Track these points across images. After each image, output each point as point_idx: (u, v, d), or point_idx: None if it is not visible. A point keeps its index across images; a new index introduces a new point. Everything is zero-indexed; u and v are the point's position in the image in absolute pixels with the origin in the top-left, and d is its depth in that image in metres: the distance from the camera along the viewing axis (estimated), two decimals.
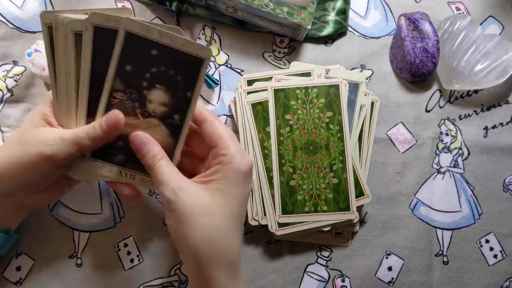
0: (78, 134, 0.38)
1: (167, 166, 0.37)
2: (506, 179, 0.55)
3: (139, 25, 0.36)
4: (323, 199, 0.49)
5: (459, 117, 0.56)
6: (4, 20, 0.52)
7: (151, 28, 0.36)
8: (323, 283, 0.52)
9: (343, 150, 0.50)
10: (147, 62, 0.37)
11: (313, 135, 0.50)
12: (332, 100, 0.51)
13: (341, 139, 0.50)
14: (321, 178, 0.50)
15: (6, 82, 0.51)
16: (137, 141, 0.38)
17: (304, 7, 0.52)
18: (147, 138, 0.38)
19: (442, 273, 0.53)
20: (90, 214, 0.50)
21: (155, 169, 0.37)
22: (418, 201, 0.54)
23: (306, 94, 0.51)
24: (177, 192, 0.35)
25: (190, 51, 0.37)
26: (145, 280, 0.50)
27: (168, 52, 0.37)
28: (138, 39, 0.36)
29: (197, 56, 0.37)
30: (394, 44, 0.57)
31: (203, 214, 0.35)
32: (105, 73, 0.37)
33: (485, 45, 0.54)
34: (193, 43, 0.37)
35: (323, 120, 0.50)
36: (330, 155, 0.50)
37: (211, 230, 0.35)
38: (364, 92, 0.53)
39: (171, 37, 0.36)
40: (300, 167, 0.50)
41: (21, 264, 0.48)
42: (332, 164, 0.50)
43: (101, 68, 0.37)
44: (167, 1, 0.54)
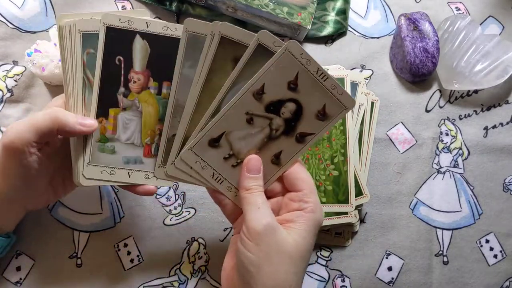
0: (37, 117, 0.37)
1: (264, 199, 0.37)
2: (506, 179, 0.55)
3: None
4: (322, 190, 0.49)
5: (459, 117, 0.56)
6: (4, 20, 0.52)
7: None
8: (323, 283, 0.52)
9: (344, 143, 0.50)
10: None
11: None
12: None
13: (343, 132, 0.50)
14: (322, 170, 0.50)
15: (6, 82, 0.51)
16: (252, 166, 0.37)
17: (304, 7, 0.52)
18: (260, 167, 0.38)
19: (442, 273, 0.53)
20: (90, 214, 0.50)
21: (252, 196, 0.36)
22: (418, 201, 0.54)
23: None
24: (270, 228, 0.34)
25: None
26: (145, 280, 0.50)
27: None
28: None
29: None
30: (394, 44, 0.57)
31: (289, 258, 0.34)
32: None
33: (485, 45, 0.54)
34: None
35: None
36: (331, 147, 0.50)
37: (291, 275, 0.35)
38: (364, 92, 0.53)
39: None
40: (301, 157, 0.50)
41: (21, 264, 0.48)
42: (333, 157, 0.50)
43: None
44: (167, 1, 0.54)
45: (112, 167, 0.40)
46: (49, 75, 0.49)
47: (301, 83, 0.37)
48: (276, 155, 0.38)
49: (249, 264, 0.34)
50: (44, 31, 0.53)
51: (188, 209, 0.52)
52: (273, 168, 0.39)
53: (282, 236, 0.34)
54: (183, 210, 0.52)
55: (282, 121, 0.38)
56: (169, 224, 0.51)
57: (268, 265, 0.34)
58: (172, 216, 0.51)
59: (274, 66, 0.36)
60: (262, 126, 0.38)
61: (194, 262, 0.51)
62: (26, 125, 0.37)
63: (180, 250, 0.51)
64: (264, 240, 0.34)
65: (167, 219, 0.51)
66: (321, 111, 0.38)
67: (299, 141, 0.38)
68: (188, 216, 0.52)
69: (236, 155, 0.38)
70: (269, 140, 0.38)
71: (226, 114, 0.37)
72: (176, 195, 0.52)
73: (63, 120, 0.37)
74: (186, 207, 0.52)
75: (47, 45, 0.49)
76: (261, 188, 0.37)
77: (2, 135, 0.38)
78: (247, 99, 0.37)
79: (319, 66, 0.36)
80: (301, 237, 0.35)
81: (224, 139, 0.38)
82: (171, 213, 0.51)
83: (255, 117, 0.37)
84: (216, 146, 0.38)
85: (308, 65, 0.36)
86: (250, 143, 0.38)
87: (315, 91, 0.37)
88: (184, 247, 0.51)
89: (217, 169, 0.38)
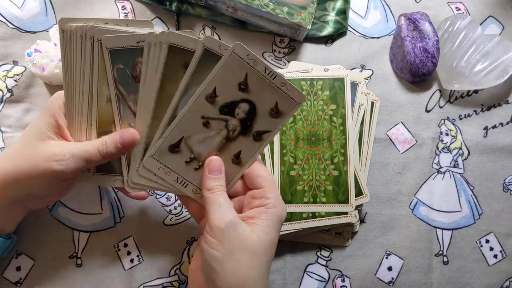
0: (89, 150, 0.38)
1: (225, 198, 0.37)
2: (506, 179, 0.55)
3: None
4: (322, 190, 0.49)
5: (459, 117, 0.56)
6: (4, 20, 0.52)
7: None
8: (323, 283, 0.52)
9: (345, 143, 0.50)
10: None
11: (316, 126, 0.50)
12: (336, 93, 0.51)
13: (344, 132, 0.50)
14: (322, 170, 0.50)
15: (6, 82, 0.51)
16: (213, 166, 0.38)
17: (304, 7, 0.52)
18: (222, 168, 0.39)
19: (442, 273, 0.53)
20: (90, 214, 0.50)
21: (213, 196, 0.37)
22: (418, 201, 0.54)
23: (311, 85, 0.51)
24: (233, 225, 0.35)
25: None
26: (145, 280, 0.50)
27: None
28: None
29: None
30: (394, 44, 0.57)
31: (252, 253, 0.35)
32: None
33: (485, 45, 0.54)
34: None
35: (326, 113, 0.51)
36: (331, 147, 0.50)
37: (255, 270, 0.35)
38: (364, 92, 0.53)
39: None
40: (301, 157, 0.50)
41: (21, 264, 0.48)
42: (333, 157, 0.50)
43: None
44: (167, 1, 0.54)
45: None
46: (49, 75, 0.49)
47: (251, 83, 0.37)
48: (236, 155, 0.39)
49: (213, 261, 0.35)
50: (44, 31, 0.53)
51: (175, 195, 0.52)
52: (235, 168, 0.40)
53: (245, 233, 0.35)
54: (183, 210, 0.52)
55: (238, 121, 0.38)
56: (169, 224, 0.51)
57: (231, 261, 0.34)
58: (172, 216, 0.51)
59: (223, 69, 0.37)
60: (219, 128, 0.38)
61: None
62: (80, 159, 0.38)
63: (180, 250, 0.51)
64: (227, 237, 0.35)
65: (167, 219, 0.51)
66: (274, 109, 0.38)
67: (256, 139, 0.39)
68: (188, 216, 0.52)
69: (197, 158, 0.39)
70: (228, 141, 0.39)
71: (182, 120, 0.38)
72: (176, 195, 0.52)
73: (112, 154, 0.38)
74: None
75: (47, 45, 0.49)
76: (223, 187, 0.38)
77: (51, 158, 0.38)
78: (201, 103, 0.38)
79: (266, 65, 0.37)
80: (264, 232, 0.36)
81: (183, 144, 0.39)
82: (171, 213, 0.51)
83: (211, 120, 0.38)
84: (176, 151, 0.39)
85: (255, 65, 0.37)
86: (209, 146, 0.39)
87: (266, 90, 0.38)
88: (184, 247, 0.51)
89: (180, 173, 0.39)
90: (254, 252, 0.35)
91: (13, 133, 0.51)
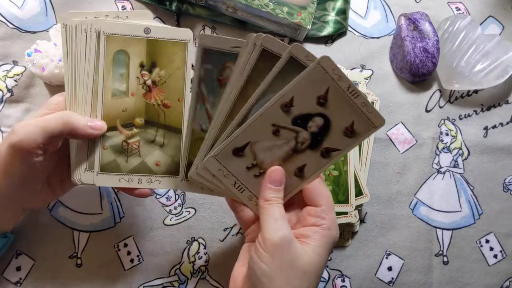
0: (48, 118, 0.37)
1: (282, 212, 0.36)
2: (506, 179, 0.55)
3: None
4: None
5: (459, 117, 0.56)
6: (4, 20, 0.52)
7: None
8: (323, 283, 0.52)
9: None
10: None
11: None
12: None
13: None
14: None
15: (6, 82, 0.51)
16: (276, 177, 0.37)
17: (304, 7, 0.52)
18: (283, 180, 0.38)
19: (442, 273, 0.53)
20: (90, 214, 0.50)
21: (271, 208, 0.36)
22: (418, 201, 0.54)
23: None
24: (287, 241, 0.34)
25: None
26: (145, 280, 0.50)
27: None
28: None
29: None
30: (394, 44, 0.57)
31: (303, 273, 0.34)
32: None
33: (485, 45, 0.54)
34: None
35: None
36: None
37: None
38: (365, 92, 0.53)
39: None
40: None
41: (21, 264, 0.48)
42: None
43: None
44: (167, 1, 0.54)
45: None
46: (49, 75, 0.48)
47: (331, 99, 0.36)
48: (299, 168, 0.38)
49: (262, 275, 0.34)
50: (44, 31, 0.53)
51: (188, 209, 0.52)
52: (295, 180, 0.39)
53: (297, 250, 0.34)
54: (183, 210, 0.52)
55: (309, 135, 0.37)
56: (169, 224, 0.51)
57: (281, 278, 0.34)
58: (172, 216, 0.51)
59: (305, 80, 0.36)
60: (288, 139, 0.37)
61: (194, 262, 0.51)
62: (36, 127, 0.37)
63: (180, 250, 0.51)
64: (279, 252, 0.34)
65: (167, 219, 0.51)
66: (349, 128, 0.37)
67: (324, 156, 0.38)
68: (188, 216, 0.52)
69: (259, 165, 0.38)
70: (294, 152, 0.38)
71: (253, 124, 0.37)
72: (176, 195, 0.52)
73: (74, 124, 0.37)
74: (186, 207, 0.52)
75: (47, 45, 0.49)
76: (281, 200, 0.37)
77: (9, 134, 0.38)
78: (275, 110, 0.37)
79: (350, 83, 0.36)
80: (316, 253, 0.35)
81: (248, 149, 0.37)
82: (171, 213, 0.51)
83: (282, 129, 0.37)
84: (240, 155, 0.38)
85: (339, 81, 0.36)
86: (274, 154, 0.38)
87: (345, 108, 0.37)
88: (184, 247, 0.51)
89: (240, 178, 0.38)
90: (304, 272, 0.34)
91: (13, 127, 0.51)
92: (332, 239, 0.37)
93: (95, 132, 0.39)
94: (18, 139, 0.37)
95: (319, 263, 0.35)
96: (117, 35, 0.39)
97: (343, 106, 0.37)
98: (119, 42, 0.39)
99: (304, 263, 0.34)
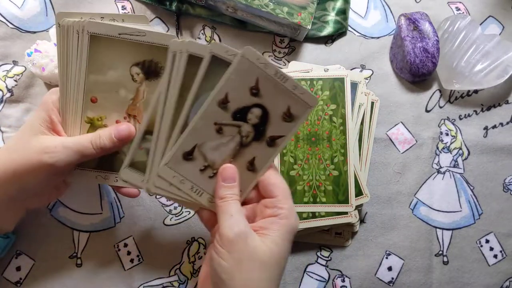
0: (82, 142, 0.38)
1: (238, 207, 0.37)
2: (506, 179, 0.55)
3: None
4: (322, 190, 0.49)
5: (459, 117, 0.56)
6: (4, 20, 0.52)
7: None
8: (323, 283, 0.52)
9: (345, 143, 0.50)
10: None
11: (315, 126, 0.50)
12: (336, 93, 0.51)
13: (344, 132, 0.50)
14: (322, 170, 0.50)
15: (6, 82, 0.51)
16: (227, 174, 0.38)
17: (304, 7, 0.52)
18: (236, 176, 0.38)
19: (442, 273, 0.53)
20: (90, 214, 0.50)
21: (226, 205, 0.36)
22: (418, 201, 0.54)
23: (311, 85, 0.51)
24: (243, 235, 0.34)
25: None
26: (145, 280, 0.50)
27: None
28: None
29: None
30: (394, 44, 0.57)
31: (262, 265, 0.34)
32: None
33: (485, 45, 0.54)
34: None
35: (326, 113, 0.51)
36: (331, 147, 0.50)
37: (265, 282, 0.34)
38: (364, 92, 0.53)
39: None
40: (301, 157, 0.50)
41: (21, 264, 0.48)
42: (333, 157, 0.50)
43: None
44: (167, 1, 0.54)
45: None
46: (49, 75, 0.49)
47: (262, 88, 0.37)
48: (250, 162, 0.39)
49: (222, 271, 0.34)
50: (44, 31, 0.53)
51: (188, 209, 0.52)
52: (250, 175, 0.39)
53: (255, 244, 0.34)
54: (183, 210, 0.52)
55: (251, 127, 0.38)
56: (169, 224, 0.51)
57: (240, 272, 0.33)
58: (172, 216, 0.51)
59: (234, 74, 0.36)
60: (232, 135, 0.38)
61: (194, 262, 0.51)
62: (72, 152, 0.37)
63: (180, 250, 0.51)
64: (236, 247, 0.34)
65: (167, 219, 0.51)
66: (286, 113, 0.38)
67: (270, 145, 0.38)
68: (188, 216, 0.52)
69: (211, 166, 0.38)
70: (241, 147, 0.38)
71: (195, 127, 0.37)
72: None
73: (106, 146, 0.38)
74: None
75: (47, 45, 0.49)
76: (236, 196, 0.37)
77: (42, 151, 0.37)
78: (213, 109, 0.37)
79: (277, 69, 0.37)
80: (275, 243, 0.35)
81: (197, 152, 0.38)
82: (171, 213, 0.51)
83: (224, 126, 0.38)
84: (190, 159, 0.38)
85: (266, 69, 0.36)
86: (223, 153, 0.38)
87: (278, 94, 0.37)
88: (184, 247, 0.51)
89: (195, 181, 0.39)
90: (264, 264, 0.34)
91: (13, 133, 0.51)
92: (291, 227, 0.36)
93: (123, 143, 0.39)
94: (53, 161, 0.37)
95: (279, 253, 0.35)
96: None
97: (276, 93, 0.37)
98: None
99: (264, 255, 0.34)
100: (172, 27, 0.55)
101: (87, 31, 0.37)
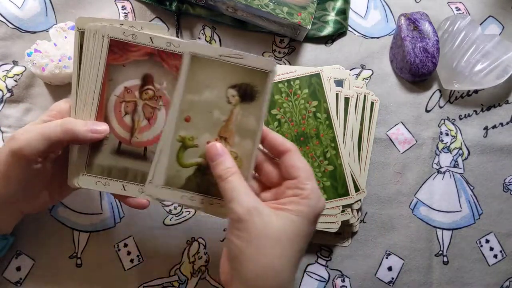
0: (48, 125, 0.37)
1: (240, 182, 0.35)
2: (506, 179, 0.55)
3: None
4: (321, 188, 0.49)
5: (459, 117, 0.56)
6: (4, 20, 0.52)
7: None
8: (323, 283, 0.52)
9: (333, 137, 0.50)
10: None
11: (302, 126, 0.51)
12: (315, 89, 0.51)
13: (330, 126, 0.50)
14: (316, 168, 0.50)
15: (6, 82, 0.51)
16: (213, 151, 0.37)
17: (304, 7, 0.52)
18: (223, 150, 0.37)
19: (442, 273, 0.53)
20: (90, 214, 0.50)
21: (226, 183, 0.35)
22: (418, 201, 0.54)
23: (289, 87, 0.51)
24: (251, 212, 0.33)
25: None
26: (145, 280, 0.50)
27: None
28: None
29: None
30: (394, 44, 0.57)
31: (274, 241, 0.33)
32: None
33: (485, 45, 0.54)
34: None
35: (309, 110, 0.51)
36: (321, 143, 0.50)
37: (277, 259, 0.33)
38: (364, 92, 0.53)
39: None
40: None
41: (21, 264, 0.48)
42: (325, 152, 0.50)
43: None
44: (167, 1, 0.54)
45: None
46: (49, 75, 0.49)
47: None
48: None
49: (234, 248, 0.33)
50: (44, 31, 0.53)
51: (188, 209, 0.52)
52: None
53: (266, 219, 0.33)
54: (183, 210, 0.52)
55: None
56: (169, 224, 0.51)
57: (250, 248, 0.33)
58: (172, 216, 0.51)
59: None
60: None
61: (194, 262, 0.51)
62: (37, 134, 0.37)
63: (180, 250, 0.51)
64: (246, 223, 0.33)
65: (167, 219, 0.51)
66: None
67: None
68: (188, 216, 0.52)
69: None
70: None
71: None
72: None
73: (74, 131, 0.37)
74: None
75: (47, 45, 0.49)
76: (232, 169, 0.36)
77: (10, 139, 0.38)
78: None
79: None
80: (290, 220, 0.34)
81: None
82: (171, 213, 0.51)
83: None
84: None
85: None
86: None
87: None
88: (184, 247, 0.51)
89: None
90: (275, 240, 0.33)
91: (13, 133, 0.51)
92: (312, 207, 0.35)
93: (96, 136, 0.38)
94: (19, 146, 0.37)
95: (293, 231, 0.34)
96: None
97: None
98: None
99: (275, 230, 0.33)
100: (172, 27, 0.55)
101: (188, 52, 0.38)
